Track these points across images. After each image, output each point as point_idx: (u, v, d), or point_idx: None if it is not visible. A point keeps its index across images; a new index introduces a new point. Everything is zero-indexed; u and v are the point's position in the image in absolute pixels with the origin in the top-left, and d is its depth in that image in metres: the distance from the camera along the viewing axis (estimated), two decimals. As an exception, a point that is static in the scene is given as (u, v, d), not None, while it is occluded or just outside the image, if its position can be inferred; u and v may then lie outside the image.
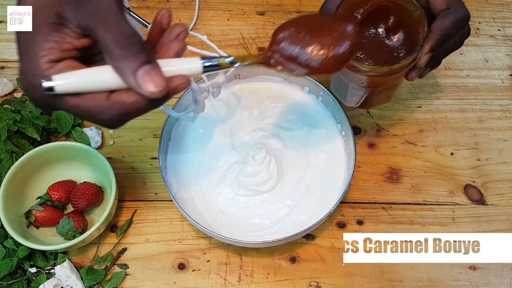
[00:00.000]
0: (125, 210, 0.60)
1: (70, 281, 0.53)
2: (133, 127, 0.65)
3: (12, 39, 0.77)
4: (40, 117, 0.61)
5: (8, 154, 0.58)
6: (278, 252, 0.57)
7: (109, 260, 0.56)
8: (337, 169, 0.58)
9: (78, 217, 0.56)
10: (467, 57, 0.72)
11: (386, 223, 0.59)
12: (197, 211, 0.56)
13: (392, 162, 0.63)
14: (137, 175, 0.62)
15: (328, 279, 0.56)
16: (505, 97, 0.68)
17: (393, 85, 0.55)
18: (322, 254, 0.57)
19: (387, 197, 0.61)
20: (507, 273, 0.56)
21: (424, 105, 0.67)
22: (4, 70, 0.70)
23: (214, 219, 0.56)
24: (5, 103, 0.63)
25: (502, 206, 0.60)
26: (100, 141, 0.64)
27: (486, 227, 0.59)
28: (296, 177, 0.58)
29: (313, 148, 0.59)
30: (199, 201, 0.57)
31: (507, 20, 0.75)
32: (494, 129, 0.65)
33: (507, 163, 0.63)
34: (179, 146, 0.60)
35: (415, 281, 0.55)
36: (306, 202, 0.56)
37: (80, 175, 0.60)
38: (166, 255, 0.57)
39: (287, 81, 0.63)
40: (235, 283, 0.55)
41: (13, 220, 0.54)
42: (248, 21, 0.75)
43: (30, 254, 0.55)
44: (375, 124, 0.66)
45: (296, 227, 0.54)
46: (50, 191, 0.57)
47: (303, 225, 0.52)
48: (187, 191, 0.57)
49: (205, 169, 0.58)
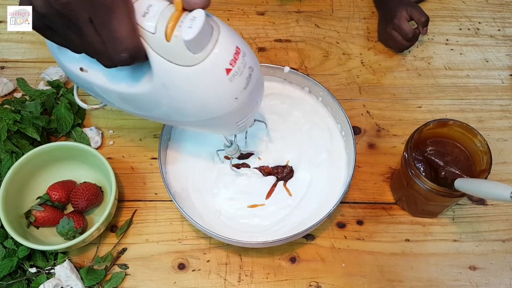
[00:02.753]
0: (125, 210, 0.60)
1: (70, 281, 0.53)
2: (133, 127, 0.65)
3: (12, 39, 0.78)
4: (40, 117, 0.61)
5: (8, 154, 0.58)
6: (278, 252, 0.57)
7: (109, 260, 0.56)
8: (337, 170, 0.58)
9: (78, 217, 0.56)
10: (467, 57, 0.72)
11: (386, 223, 0.59)
12: (195, 211, 0.56)
13: (392, 162, 0.63)
14: (137, 175, 0.62)
15: (328, 279, 0.56)
16: (505, 97, 0.68)
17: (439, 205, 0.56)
18: (322, 254, 0.57)
19: (387, 197, 0.61)
20: (507, 273, 0.56)
21: (424, 105, 0.67)
22: (4, 70, 0.70)
23: (212, 219, 0.55)
24: (5, 103, 0.63)
25: (502, 206, 0.60)
26: (100, 141, 0.64)
27: (486, 227, 0.59)
28: (296, 178, 0.58)
29: (313, 148, 0.59)
30: (197, 201, 0.57)
31: (507, 20, 0.75)
32: (494, 129, 0.65)
33: (507, 163, 0.63)
34: (178, 145, 0.60)
35: (415, 281, 0.55)
36: (306, 202, 0.56)
37: (80, 175, 0.60)
38: (166, 255, 0.57)
39: (287, 81, 0.63)
40: (235, 283, 0.55)
41: (13, 220, 0.54)
42: (248, 21, 0.75)
43: (30, 254, 0.55)
44: (375, 124, 0.66)
45: (297, 227, 0.54)
46: (50, 191, 0.57)
47: (303, 225, 0.52)
48: (185, 191, 0.57)
49: (204, 169, 0.58)
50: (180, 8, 0.38)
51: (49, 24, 0.38)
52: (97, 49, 0.38)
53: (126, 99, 0.45)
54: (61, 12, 0.36)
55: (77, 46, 0.40)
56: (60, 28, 0.38)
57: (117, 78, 0.44)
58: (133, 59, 0.38)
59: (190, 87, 0.40)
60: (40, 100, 0.63)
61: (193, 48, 0.37)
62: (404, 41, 0.68)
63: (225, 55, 0.39)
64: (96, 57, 0.39)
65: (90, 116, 0.66)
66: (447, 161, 0.53)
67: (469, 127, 0.52)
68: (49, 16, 0.37)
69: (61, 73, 0.67)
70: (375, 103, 0.67)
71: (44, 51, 0.71)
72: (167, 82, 0.40)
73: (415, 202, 0.56)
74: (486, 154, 0.50)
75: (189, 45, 0.37)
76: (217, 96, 0.41)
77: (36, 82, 0.68)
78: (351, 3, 0.77)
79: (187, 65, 0.38)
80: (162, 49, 0.38)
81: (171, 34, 0.37)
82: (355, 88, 0.69)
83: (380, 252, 0.57)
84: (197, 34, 0.36)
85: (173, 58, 0.38)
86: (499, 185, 0.44)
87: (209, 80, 0.39)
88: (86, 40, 0.38)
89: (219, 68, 0.39)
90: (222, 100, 0.41)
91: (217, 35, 0.39)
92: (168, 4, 0.38)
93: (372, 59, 0.72)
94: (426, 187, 0.50)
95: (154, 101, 0.43)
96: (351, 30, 0.74)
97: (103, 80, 0.44)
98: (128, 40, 0.37)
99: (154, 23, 0.37)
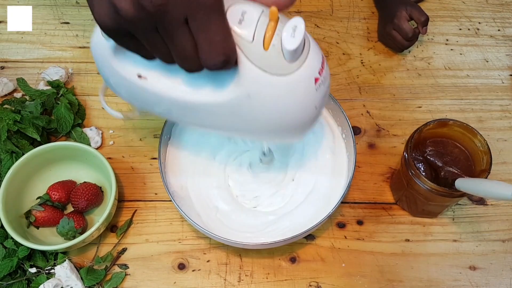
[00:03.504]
0: (125, 210, 0.60)
1: (70, 281, 0.53)
2: (133, 127, 0.65)
3: (12, 39, 0.78)
4: (40, 117, 0.61)
5: (8, 154, 0.58)
6: (278, 252, 0.57)
7: (109, 260, 0.56)
8: (338, 171, 0.58)
9: (78, 217, 0.56)
10: (467, 57, 0.72)
11: (386, 223, 0.59)
12: (194, 210, 0.56)
13: (392, 162, 0.63)
14: (137, 175, 0.62)
15: (328, 279, 0.56)
16: (505, 97, 0.68)
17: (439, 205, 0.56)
18: (322, 254, 0.57)
19: (387, 197, 0.61)
20: (507, 273, 0.56)
21: (424, 105, 0.67)
22: (4, 70, 0.70)
23: (211, 219, 0.55)
24: (5, 103, 0.63)
25: (502, 206, 0.60)
26: (100, 141, 0.64)
27: (486, 227, 0.59)
28: (296, 179, 0.58)
29: (313, 150, 0.59)
30: (196, 200, 0.56)
31: (507, 20, 0.75)
32: (494, 129, 0.65)
33: (507, 163, 0.63)
34: (178, 145, 0.60)
35: (415, 281, 0.55)
36: (306, 203, 0.56)
37: (80, 175, 0.60)
38: (166, 255, 0.57)
39: None
40: (235, 283, 0.55)
41: (13, 220, 0.54)
42: (248, 21, 0.75)
43: (30, 254, 0.55)
44: (375, 124, 0.66)
45: (298, 227, 0.54)
46: (50, 191, 0.57)
47: (303, 226, 0.52)
48: (184, 190, 0.57)
49: (204, 168, 0.58)
50: (276, 17, 0.37)
51: (132, 28, 0.34)
52: (186, 54, 0.35)
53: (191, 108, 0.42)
54: (154, 14, 0.32)
55: (158, 51, 0.36)
56: (144, 32, 0.34)
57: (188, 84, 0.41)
58: (227, 64, 0.36)
59: (278, 97, 0.39)
60: (40, 100, 0.63)
61: (291, 57, 0.37)
62: (404, 40, 0.68)
63: (316, 64, 0.39)
64: (180, 62, 0.36)
65: (90, 116, 0.66)
66: (447, 161, 0.53)
67: (469, 127, 0.52)
68: (137, 21, 0.32)
69: (61, 73, 0.67)
70: (375, 103, 0.67)
71: (44, 51, 0.71)
72: (254, 91, 0.39)
73: (415, 202, 0.56)
74: (486, 154, 0.50)
75: (288, 55, 0.36)
76: (302, 106, 0.40)
77: (36, 82, 0.68)
78: (351, 3, 0.77)
79: (281, 74, 0.37)
80: (257, 58, 0.37)
81: (269, 42, 0.36)
82: (355, 88, 0.69)
83: (380, 252, 0.57)
84: (300, 43, 0.35)
85: (267, 67, 0.37)
86: (500, 184, 0.44)
87: (299, 90, 0.39)
88: (174, 43, 0.34)
89: (310, 77, 0.38)
90: (304, 110, 0.40)
91: (308, 44, 0.38)
92: (263, 11, 0.37)
93: (372, 59, 0.72)
94: (426, 187, 0.50)
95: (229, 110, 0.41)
96: (351, 30, 0.74)
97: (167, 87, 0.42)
98: (225, 44, 0.35)
99: (252, 32, 0.36)
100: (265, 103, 0.39)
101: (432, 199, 0.52)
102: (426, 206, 0.55)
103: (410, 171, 0.51)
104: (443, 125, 0.53)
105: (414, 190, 0.53)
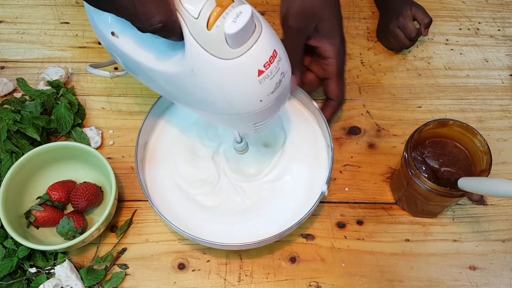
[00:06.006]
0: (125, 210, 0.60)
1: (70, 281, 0.53)
2: (133, 127, 0.65)
3: (12, 39, 0.77)
4: (40, 117, 0.61)
5: (8, 154, 0.58)
6: (278, 252, 0.57)
7: (109, 260, 0.56)
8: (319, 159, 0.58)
9: (78, 217, 0.56)
10: (467, 57, 0.72)
11: (386, 223, 0.59)
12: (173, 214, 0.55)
13: (392, 162, 0.63)
14: (137, 175, 0.62)
15: (328, 279, 0.56)
16: (505, 97, 0.68)
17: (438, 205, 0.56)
18: (322, 254, 0.57)
19: (387, 197, 0.61)
20: (507, 273, 0.56)
21: (424, 105, 0.67)
22: (4, 70, 0.70)
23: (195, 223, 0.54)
24: (5, 103, 0.63)
25: (502, 206, 0.60)
26: (100, 141, 0.64)
27: (486, 227, 0.59)
28: (274, 174, 0.57)
29: (292, 139, 0.59)
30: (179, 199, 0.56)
31: (507, 20, 0.75)
32: (494, 129, 0.65)
33: (507, 163, 0.63)
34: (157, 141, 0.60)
35: (415, 281, 0.55)
36: (290, 197, 0.56)
37: (80, 175, 0.60)
38: (166, 255, 0.57)
39: None
40: (235, 283, 0.55)
41: (13, 220, 0.54)
42: (248, 21, 0.75)
43: (30, 254, 0.55)
44: (375, 124, 0.66)
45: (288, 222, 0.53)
46: (50, 191, 0.57)
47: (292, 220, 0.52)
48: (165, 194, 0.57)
49: (185, 163, 0.58)
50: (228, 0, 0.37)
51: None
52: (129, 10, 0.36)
53: (150, 73, 0.44)
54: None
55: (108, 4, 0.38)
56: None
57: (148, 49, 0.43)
58: (165, 30, 0.37)
59: (218, 80, 0.39)
60: (40, 100, 0.63)
61: (232, 42, 0.37)
62: (406, 39, 0.68)
63: (262, 56, 0.39)
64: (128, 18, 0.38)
65: (90, 116, 0.66)
66: (446, 161, 0.53)
67: (469, 127, 0.52)
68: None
69: (61, 73, 0.67)
70: (375, 103, 0.67)
71: (44, 51, 0.71)
72: (197, 68, 0.39)
73: (415, 202, 0.56)
74: (486, 154, 0.50)
75: (229, 39, 0.37)
76: (243, 95, 0.41)
77: (36, 82, 0.68)
78: (351, 3, 0.77)
79: (221, 57, 0.38)
80: (200, 36, 0.37)
81: (213, 23, 0.37)
82: (355, 88, 0.69)
83: (380, 252, 0.57)
84: (240, 29, 0.36)
85: (209, 47, 0.38)
86: (504, 181, 0.44)
87: (239, 78, 0.39)
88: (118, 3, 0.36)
89: (252, 68, 0.39)
90: (246, 100, 0.41)
91: (258, 35, 0.38)
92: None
93: (372, 59, 0.71)
94: (426, 187, 0.50)
95: (178, 82, 0.43)
96: (351, 30, 0.74)
97: (133, 48, 0.44)
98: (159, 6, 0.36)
99: (198, 8, 0.37)
100: (207, 82, 0.40)
101: (432, 199, 0.52)
102: (426, 206, 0.55)
103: (410, 171, 0.51)
104: (443, 125, 0.53)
105: (414, 190, 0.53)
